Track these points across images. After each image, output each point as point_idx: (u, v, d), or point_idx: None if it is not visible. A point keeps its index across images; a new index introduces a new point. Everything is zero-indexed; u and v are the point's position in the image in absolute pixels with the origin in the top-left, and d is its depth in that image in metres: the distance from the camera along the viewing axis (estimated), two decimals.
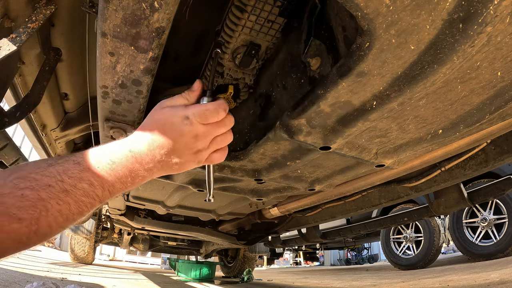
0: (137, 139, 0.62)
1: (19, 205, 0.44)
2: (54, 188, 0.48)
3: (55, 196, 0.48)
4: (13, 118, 1.11)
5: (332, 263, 14.56)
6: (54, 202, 0.48)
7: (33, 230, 0.45)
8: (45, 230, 0.47)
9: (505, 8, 0.44)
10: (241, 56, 0.92)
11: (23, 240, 0.45)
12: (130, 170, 0.58)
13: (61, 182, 0.49)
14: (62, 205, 0.48)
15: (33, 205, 0.45)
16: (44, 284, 1.93)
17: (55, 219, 0.48)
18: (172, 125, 0.64)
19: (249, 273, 4.74)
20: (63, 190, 0.49)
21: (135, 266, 9.61)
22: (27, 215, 0.45)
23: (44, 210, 0.46)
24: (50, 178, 0.49)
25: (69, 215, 0.50)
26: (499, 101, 0.68)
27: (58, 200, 0.48)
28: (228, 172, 1.18)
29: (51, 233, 0.49)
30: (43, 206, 0.46)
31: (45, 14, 0.91)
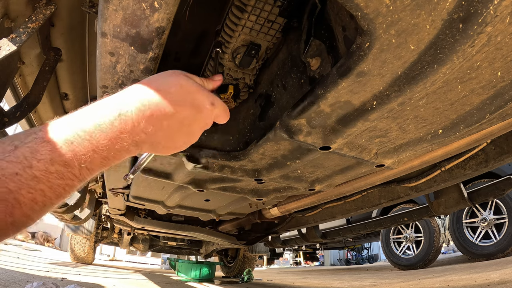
0: (138, 96, 0.50)
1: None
2: (22, 177, 0.42)
3: (24, 185, 0.42)
4: (13, 118, 1.11)
5: (332, 263, 14.57)
6: (25, 191, 0.42)
7: (9, 222, 0.42)
8: (22, 220, 0.43)
9: (505, 8, 0.44)
10: (241, 56, 0.92)
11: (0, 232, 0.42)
12: (113, 141, 0.48)
13: (29, 168, 0.43)
14: (34, 193, 0.43)
15: (3, 199, 0.41)
16: (44, 284, 1.93)
17: (31, 208, 0.43)
18: (194, 100, 0.55)
19: (249, 273, 4.74)
20: (33, 177, 0.43)
21: (135, 266, 9.62)
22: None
23: (16, 202, 0.42)
24: (17, 164, 0.42)
25: (46, 201, 0.45)
26: (499, 101, 0.68)
27: (29, 189, 0.43)
28: (228, 172, 1.18)
29: (31, 220, 0.45)
30: (14, 199, 0.42)
31: (45, 14, 0.91)
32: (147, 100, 0.50)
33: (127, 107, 0.49)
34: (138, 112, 0.49)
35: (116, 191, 1.79)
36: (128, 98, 0.50)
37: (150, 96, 0.51)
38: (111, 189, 1.78)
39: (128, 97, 0.50)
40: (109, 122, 0.47)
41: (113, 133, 0.47)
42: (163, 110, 0.51)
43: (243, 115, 1.17)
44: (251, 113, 1.14)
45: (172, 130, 0.54)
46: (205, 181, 1.38)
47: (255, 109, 1.12)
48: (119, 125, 0.48)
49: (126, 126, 0.48)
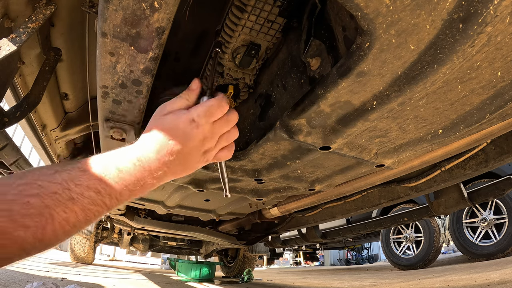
0: (144, 146, 0.60)
1: (24, 213, 0.43)
2: (60, 196, 0.47)
3: (61, 204, 0.47)
4: (13, 118, 1.11)
5: (332, 263, 14.56)
6: (60, 210, 0.47)
7: (39, 238, 0.45)
8: (50, 238, 0.46)
9: (505, 8, 0.44)
10: (241, 56, 0.92)
11: (27, 248, 0.45)
12: (138, 179, 0.57)
13: (68, 190, 0.48)
14: (68, 213, 0.47)
15: (39, 213, 0.44)
16: (44, 284, 1.93)
17: (61, 227, 0.47)
18: (178, 130, 0.63)
19: (249, 273, 4.74)
20: (70, 198, 0.48)
21: (135, 266, 9.61)
22: (33, 222, 0.44)
23: (50, 218, 0.45)
24: (56, 185, 0.48)
25: (76, 223, 0.49)
26: (499, 101, 0.68)
27: (65, 208, 0.47)
28: (228, 172, 1.18)
29: (57, 241, 0.48)
30: (49, 214, 0.45)
31: (45, 14, 0.91)
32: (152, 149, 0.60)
33: (144, 154, 0.59)
34: (149, 160, 0.59)
35: None
36: (141, 149, 0.60)
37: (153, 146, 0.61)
38: None
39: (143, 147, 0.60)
40: (133, 164, 0.57)
41: (137, 173, 0.57)
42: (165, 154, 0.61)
43: (243, 115, 1.17)
44: (251, 113, 1.14)
45: (183, 161, 0.64)
46: (205, 181, 1.38)
47: (255, 109, 1.12)
48: (140, 168, 0.58)
49: (145, 169, 0.58)
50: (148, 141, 0.61)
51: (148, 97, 0.86)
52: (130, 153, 0.59)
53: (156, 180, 0.60)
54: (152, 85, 0.81)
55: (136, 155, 0.58)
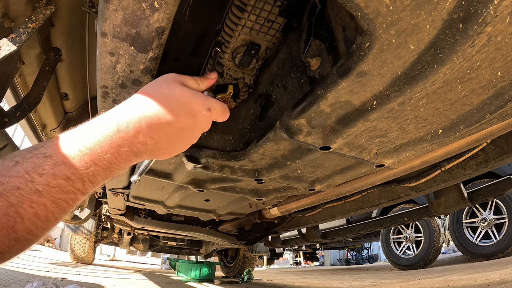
0: (135, 110, 0.52)
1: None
2: (23, 191, 0.42)
3: (26, 199, 0.42)
4: (13, 118, 1.11)
5: (332, 263, 14.56)
6: (27, 206, 0.42)
7: (13, 237, 0.41)
8: (25, 236, 0.42)
9: (505, 8, 0.44)
10: (241, 56, 0.92)
11: (4, 249, 0.41)
12: (115, 154, 0.49)
13: (31, 182, 0.42)
14: (36, 207, 0.42)
15: (4, 213, 0.40)
16: (44, 284, 1.93)
17: (33, 223, 0.43)
18: (190, 109, 0.56)
19: (249, 273, 4.74)
20: (35, 191, 0.42)
21: (135, 266, 9.61)
22: (0, 224, 0.40)
23: (18, 216, 0.41)
24: (18, 178, 0.42)
25: (48, 216, 0.44)
26: (499, 101, 0.68)
27: (31, 203, 0.42)
28: (228, 172, 1.18)
29: (36, 236, 0.44)
30: (15, 213, 0.41)
31: (45, 14, 0.91)
32: (143, 114, 0.52)
33: (125, 122, 0.51)
34: (135, 126, 0.51)
35: (116, 191, 1.79)
36: (125, 113, 0.52)
37: (145, 110, 0.52)
38: (111, 189, 1.78)
39: (125, 112, 0.52)
40: (108, 137, 0.49)
41: (113, 147, 0.49)
42: (159, 123, 0.53)
43: (243, 115, 1.17)
44: (251, 113, 1.14)
45: (171, 138, 0.56)
46: (205, 181, 1.38)
47: (255, 109, 1.12)
48: (118, 139, 0.49)
49: (125, 140, 0.50)
50: (142, 104, 0.53)
51: None
52: (110, 120, 0.51)
53: (135, 156, 0.52)
54: None
55: (117, 123, 0.50)
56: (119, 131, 0.50)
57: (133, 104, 0.54)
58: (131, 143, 0.50)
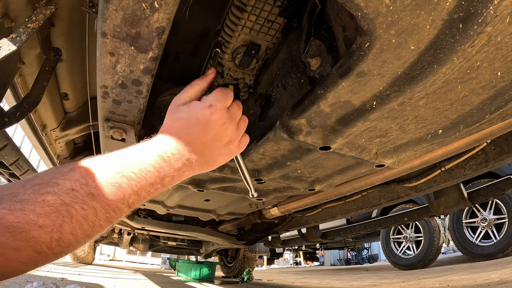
0: (163, 141, 0.59)
1: (39, 211, 0.40)
2: (78, 192, 0.44)
3: (79, 200, 0.44)
4: (13, 118, 1.11)
5: (332, 263, 14.56)
6: (79, 206, 0.43)
7: (55, 238, 0.41)
8: (68, 238, 0.42)
9: (505, 8, 0.44)
10: (241, 56, 0.92)
11: (43, 250, 0.40)
12: (160, 175, 0.55)
13: (86, 185, 0.45)
14: (87, 209, 0.44)
15: (55, 211, 0.41)
16: (44, 284, 1.93)
17: (80, 225, 0.43)
18: (197, 119, 0.61)
19: (249, 273, 4.74)
20: (89, 193, 0.45)
21: (135, 266, 9.61)
22: (49, 221, 0.40)
23: (68, 215, 0.42)
24: (73, 182, 0.44)
25: (96, 221, 0.45)
26: (499, 101, 0.68)
27: (83, 204, 0.44)
28: (228, 172, 1.18)
29: (76, 242, 0.44)
30: (66, 212, 0.42)
31: (45, 14, 0.91)
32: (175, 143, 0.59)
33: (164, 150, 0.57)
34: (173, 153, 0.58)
35: None
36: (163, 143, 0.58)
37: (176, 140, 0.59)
38: None
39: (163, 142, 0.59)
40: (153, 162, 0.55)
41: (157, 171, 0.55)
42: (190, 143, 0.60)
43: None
44: (251, 113, 1.14)
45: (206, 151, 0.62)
46: (205, 181, 1.38)
47: (255, 109, 1.12)
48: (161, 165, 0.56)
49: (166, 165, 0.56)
50: (166, 135, 0.60)
51: (148, 97, 0.86)
52: (150, 149, 0.56)
53: (178, 174, 0.58)
54: (152, 85, 0.81)
55: (156, 152, 0.56)
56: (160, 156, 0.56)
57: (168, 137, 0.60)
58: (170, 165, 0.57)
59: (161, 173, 0.55)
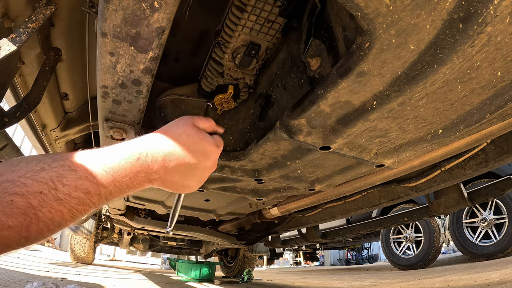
0: (152, 145, 0.58)
1: (8, 212, 0.42)
2: (46, 196, 0.45)
3: (47, 204, 0.45)
4: (13, 118, 1.11)
5: (332, 263, 14.56)
6: (46, 210, 0.45)
7: (23, 236, 0.44)
8: (35, 236, 0.45)
9: (505, 8, 0.44)
10: (241, 56, 0.92)
11: (12, 245, 0.44)
12: (132, 178, 0.55)
13: (55, 190, 0.46)
14: (54, 213, 0.46)
15: (23, 213, 0.43)
16: (44, 284, 1.93)
17: (46, 226, 0.46)
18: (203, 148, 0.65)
19: (249, 273, 4.74)
20: (56, 198, 0.46)
21: (135, 266, 9.61)
22: (17, 222, 0.42)
23: (35, 218, 0.44)
24: (42, 184, 0.46)
25: (62, 222, 0.48)
26: (499, 101, 0.68)
27: (50, 208, 0.45)
28: (228, 172, 1.18)
29: (42, 238, 0.47)
30: (34, 215, 0.44)
31: (45, 14, 0.91)
32: (162, 149, 0.59)
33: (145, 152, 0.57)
34: (154, 158, 0.58)
35: None
36: (148, 145, 0.58)
37: (165, 146, 0.60)
38: None
39: (148, 144, 0.59)
40: (130, 162, 0.55)
41: (132, 172, 0.55)
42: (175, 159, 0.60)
43: (243, 115, 1.17)
44: (251, 113, 1.14)
45: (184, 174, 0.64)
46: (205, 181, 1.38)
47: (255, 109, 1.12)
48: (138, 166, 0.56)
49: (143, 167, 0.56)
50: (159, 140, 0.60)
51: (148, 97, 0.86)
52: (131, 149, 0.56)
53: (148, 182, 0.58)
54: (152, 85, 0.81)
55: (138, 152, 0.56)
56: (139, 159, 0.56)
57: (155, 139, 0.60)
58: (148, 171, 0.57)
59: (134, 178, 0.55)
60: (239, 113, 1.17)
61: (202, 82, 1.07)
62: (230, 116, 1.18)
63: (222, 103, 1.08)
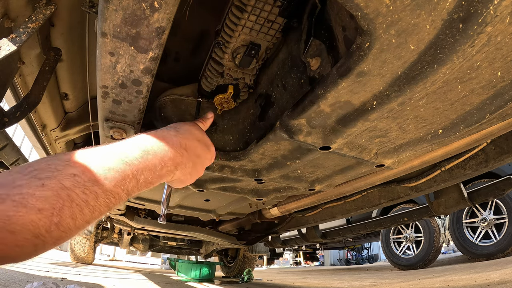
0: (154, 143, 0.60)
1: (38, 195, 0.39)
2: (79, 177, 0.43)
3: (80, 185, 0.43)
4: (13, 118, 1.11)
5: (332, 263, 14.56)
6: (80, 191, 0.42)
7: (54, 222, 0.40)
8: (67, 223, 0.41)
9: (505, 8, 0.44)
10: (241, 56, 0.92)
11: (42, 233, 0.39)
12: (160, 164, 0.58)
13: (88, 171, 0.45)
14: (88, 194, 0.43)
15: (55, 194, 0.40)
16: (44, 284, 1.93)
17: (80, 210, 0.43)
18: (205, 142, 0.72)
19: (249, 273, 4.74)
20: (90, 178, 0.44)
21: (135, 266, 9.61)
22: (48, 204, 0.39)
23: (68, 199, 0.41)
24: (75, 168, 0.44)
25: (96, 206, 0.45)
26: (499, 101, 0.68)
27: (84, 189, 0.43)
28: (228, 172, 1.18)
29: (75, 227, 0.43)
30: (67, 196, 0.41)
31: (45, 14, 0.91)
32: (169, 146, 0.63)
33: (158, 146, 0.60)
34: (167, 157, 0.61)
35: None
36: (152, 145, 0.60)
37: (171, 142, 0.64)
38: None
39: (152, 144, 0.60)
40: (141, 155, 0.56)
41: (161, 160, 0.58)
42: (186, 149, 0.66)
43: (243, 115, 1.17)
44: (251, 113, 1.14)
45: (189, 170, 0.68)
46: (205, 181, 1.38)
47: (255, 109, 1.12)
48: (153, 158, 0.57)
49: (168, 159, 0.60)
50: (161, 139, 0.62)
51: (148, 97, 0.86)
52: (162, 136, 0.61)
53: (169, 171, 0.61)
54: (152, 85, 0.81)
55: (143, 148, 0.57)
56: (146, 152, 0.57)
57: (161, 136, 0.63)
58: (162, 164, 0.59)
59: (161, 159, 0.58)
60: (239, 113, 1.17)
61: (202, 82, 1.07)
62: (230, 116, 1.18)
63: (222, 103, 1.08)
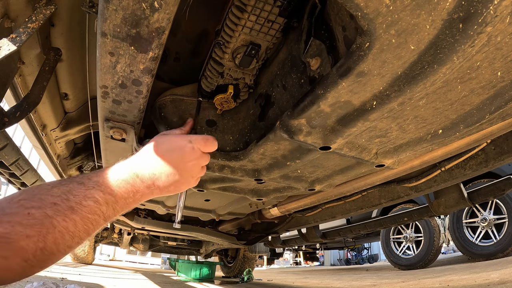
0: (142, 162, 0.66)
1: (26, 223, 0.45)
2: (60, 206, 0.49)
3: (61, 213, 0.49)
4: (13, 118, 1.11)
5: (332, 263, 14.56)
6: (60, 219, 0.49)
7: (40, 247, 0.46)
8: (51, 248, 0.48)
9: (505, 8, 0.44)
10: (241, 56, 0.92)
11: (30, 258, 0.45)
12: (133, 190, 0.62)
13: (67, 200, 0.51)
14: (68, 221, 0.50)
15: (40, 223, 0.46)
16: (44, 284, 1.93)
17: (62, 236, 0.49)
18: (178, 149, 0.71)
19: (249, 273, 4.74)
20: (69, 207, 0.50)
21: (135, 266, 9.61)
22: (34, 231, 0.45)
23: (51, 227, 0.47)
24: (55, 197, 0.50)
25: (76, 233, 0.51)
26: (499, 101, 0.68)
27: (64, 217, 0.49)
28: (228, 172, 1.18)
29: (58, 252, 0.49)
30: (50, 223, 0.47)
31: (45, 14, 0.91)
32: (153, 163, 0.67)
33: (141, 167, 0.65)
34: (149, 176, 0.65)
35: None
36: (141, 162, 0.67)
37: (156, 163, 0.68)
38: None
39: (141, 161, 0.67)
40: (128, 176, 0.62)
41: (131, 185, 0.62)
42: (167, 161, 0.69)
43: (243, 115, 1.17)
44: (251, 113, 1.14)
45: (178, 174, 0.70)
46: (205, 181, 1.38)
47: (255, 109, 1.12)
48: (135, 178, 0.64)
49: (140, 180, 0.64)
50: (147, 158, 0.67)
51: (148, 97, 0.86)
52: (128, 167, 0.64)
53: (149, 192, 0.66)
54: (152, 85, 0.81)
55: (134, 170, 0.63)
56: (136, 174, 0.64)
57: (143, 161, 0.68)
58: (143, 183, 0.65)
59: (134, 190, 0.62)
60: (239, 113, 1.17)
61: (202, 82, 1.07)
62: (230, 116, 1.18)
63: (222, 103, 1.08)
